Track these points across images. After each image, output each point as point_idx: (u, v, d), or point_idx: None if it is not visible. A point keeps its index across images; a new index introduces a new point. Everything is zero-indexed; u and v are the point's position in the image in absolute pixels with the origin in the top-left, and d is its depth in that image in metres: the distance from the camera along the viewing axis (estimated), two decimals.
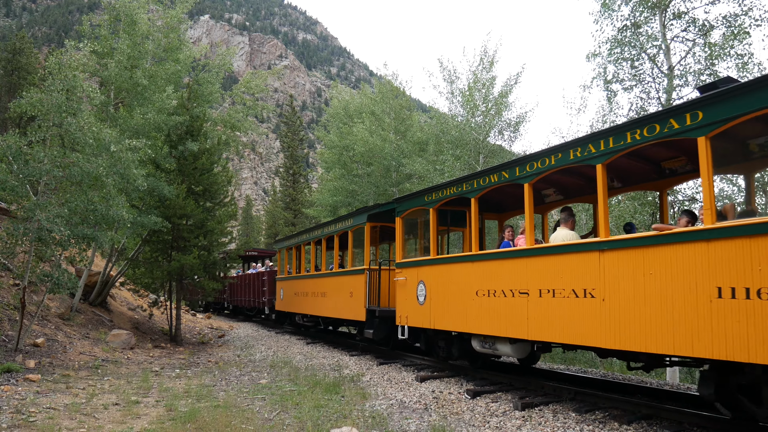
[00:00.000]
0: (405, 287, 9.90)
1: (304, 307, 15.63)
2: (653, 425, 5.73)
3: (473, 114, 20.91)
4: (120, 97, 16.26)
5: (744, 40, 12.20)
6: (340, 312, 12.73)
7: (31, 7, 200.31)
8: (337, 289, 13.08)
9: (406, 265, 9.98)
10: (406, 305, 9.77)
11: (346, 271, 12.75)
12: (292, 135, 48.51)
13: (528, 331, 6.81)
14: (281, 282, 18.34)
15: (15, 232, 9.30)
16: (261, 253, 27.41)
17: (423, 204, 9.59)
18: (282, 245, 18.86)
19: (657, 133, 5.39)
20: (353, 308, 11.82)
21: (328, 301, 13.65)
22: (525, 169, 7.13)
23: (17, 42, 39.17)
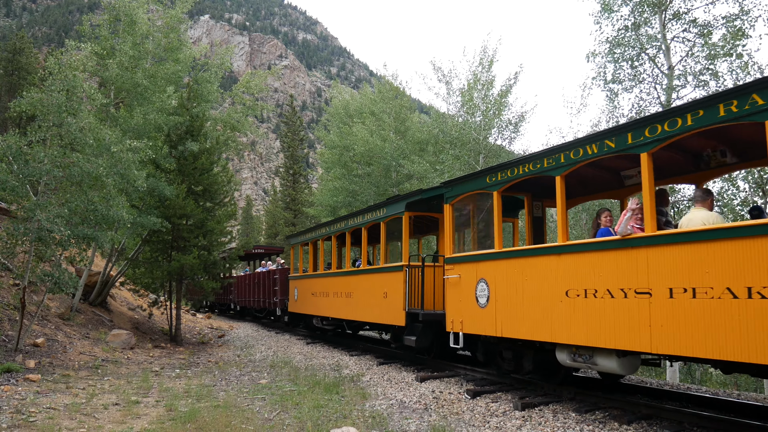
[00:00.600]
0: (458, 287, 8.34)
1: (323, 309, 14.15)
2: (653, 425, 5.73)
3: (473, 114, 20.92)
4: (120, 97, 16.26)
5: (743, 40, 12.20)
6: (371, 315, 11.21)
7: (31, 7, 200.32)
8: (366, 289, 11.51)
9: (459, 260, 8.44)
10: (461, 308, 8.25)
11: (378, 269, 11.23)
12: (292, 135, 48.52)
13: (651, 341, 5.33)
14: (295, 281, 16.69)
15: (15, 232, 9.30)
16: (268, 250, 26.49)
17: (484, 186, 8.00)
18: (296, 241, 17.19)
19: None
20: (389, 311, 10.27)
21: (355, 303, 12.14)
22: (643, 134, 5.61)
23: (17, 42, 39.19)
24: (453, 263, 8.60)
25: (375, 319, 11.07)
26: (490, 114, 20.69)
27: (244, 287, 23.44)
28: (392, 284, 10.23)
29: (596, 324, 5.95)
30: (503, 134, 21.31)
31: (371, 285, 11.29)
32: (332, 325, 14.77)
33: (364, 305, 11.59)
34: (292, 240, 17.97)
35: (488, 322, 7.66)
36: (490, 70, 21.23)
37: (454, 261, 8.60)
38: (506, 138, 21.37)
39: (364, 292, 11.66)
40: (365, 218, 11.96)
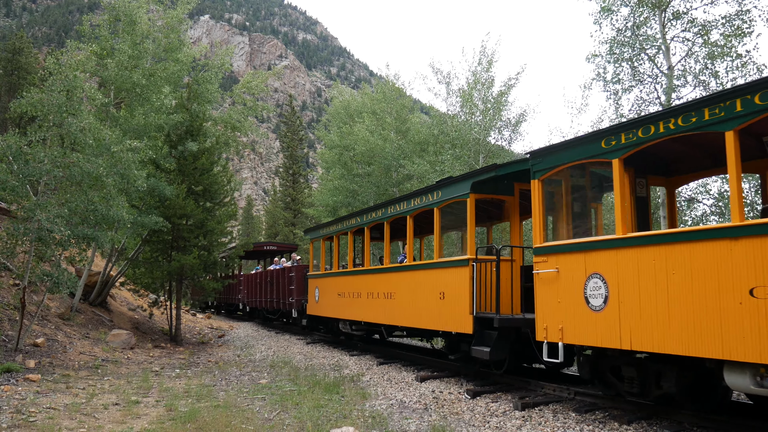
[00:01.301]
0: (556, 284, 6.54)
1: (353, 312, 12.30)
2: (653, 425, 5.73)
3: (473, 114, 20.92)
4: (120, 97, 16.27)
5: (743, 40, 12.22)
6: (420, 319, 9.40)
7: (31, 7, 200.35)
8: (414, 289, 9.71)
9: (557, 250, 6.60)
10: (560, 311, 6.43)
11: (433, 264, 9.29)
12: (292, 135, 48.54)
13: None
14: (316, 280, 14.78)
15: (15, 232, 9.30)
16: (281, 247, 25.03)
17: (595, 154, 6.23)
18: (317, 234, 15.36)
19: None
20: (447, 315, 8.54)
21: (397, 306, 10.30)
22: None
23: (17, 42, 39.19)
24: (546, 254, 6.73)
25: (426, 325, 9.20)
26: (490, 114, 20.69)
27: (255, 286, 21.49)
28: (453, 283, 8.42)
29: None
30: (503, 134, 21.33)
31: (422, 284, 9.43)
32: (362, 331, 12.93)
33: (411, 308, 9.75)
34: (311, 234, 16.09)
35: (606, 330, 5.86)
36: (489, 70, 21.24)
37: (548, 252, 6.71)
38: (506, 138, 21.38)
39: (410, 293, 9.86)
40: (412, 204, 10.16)
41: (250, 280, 22.23)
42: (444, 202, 9.12)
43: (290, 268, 17.30)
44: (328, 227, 14.53)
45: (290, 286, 16.93)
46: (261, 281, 20.47)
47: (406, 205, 10.36)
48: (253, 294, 21.64)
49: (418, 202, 10.01)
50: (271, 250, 24.49)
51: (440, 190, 9.20)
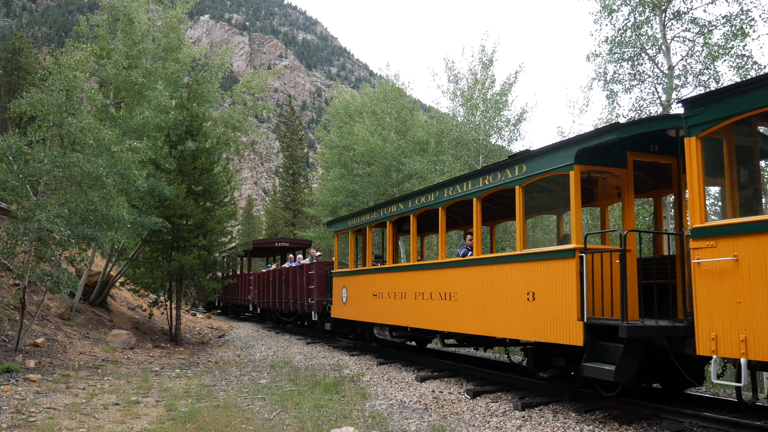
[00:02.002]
0: (735, 278, 4.87)
1: (395, 315, 10.42)
2: (653, 425, 5.73)
3: (473, 114, 20.93)
4: (120, 97, 16.28)
5: (744, 40, 12.22)
6: (497, 326, 7.57)
7: (31, 7, 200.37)
8: (487, 288, 7.79)
9: (736, 230, 4.91)
10: (742, 315, 4.77)
11: (516, 256, 7.34)
12: (292, 135, 48.57)
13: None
14: (343, 278, 12.96)
15: (15, 232, 9.30)
16: (294, 243, 23.42)
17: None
18: (344, 226, 13.36)
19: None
20: (541, 321, 6.67)
21: (461, 308, 8.36)
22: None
23: (17, 42, 39.21)
24: (715, 237, 5.09)
25: (504, 333, 7.52)
26: (490, 114, 20.70)
27: (267, 286, 19.65)
28: (550, 280, 6.60)
29: None
30: (502, 134, 21.34)
31: (498, 282, 7.58)
32: (404, 337, 11.20)
33: (481, 311, 7.87)
34: (336, 226, 14.05)
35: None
36: (489, 70, 21.25)
37: (718, 233, 5.08)
38: (506, 138, 21.39)
39: (479, 293, 7.94)
40: (480, 184, 8.14)
41: (261, 280, 20.54)
42: (531, 179, 7.12)
43: (309, 265, 15.54)
44: (358, 217, 12.59)
45: (310, 285, 15.17)
46: (274, 280, 18.84)
47: (471, 185, 8.34)
48: (264, 294, 20.01)
49: (489, 181, 7.97)
50: (282, 246, 22.94)
51: (524, 163, 7.21)
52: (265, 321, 22.54)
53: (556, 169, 6.69)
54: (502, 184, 7.71)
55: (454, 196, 8.85)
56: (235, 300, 24.92)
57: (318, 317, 14.80)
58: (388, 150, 24.71)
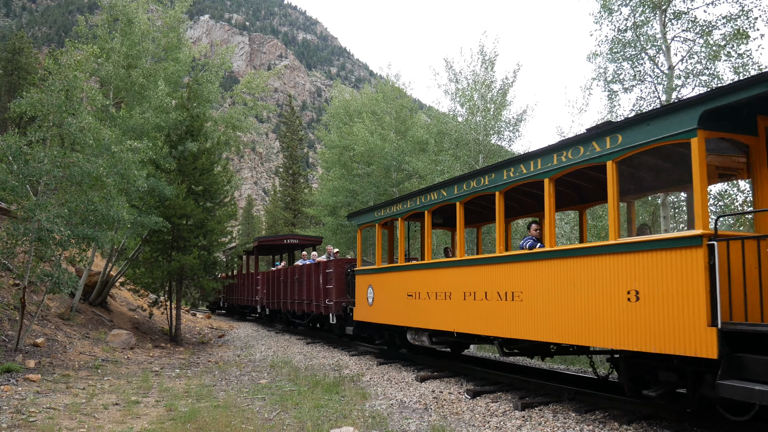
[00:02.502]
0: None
1: (436, 319, 8.97)
2: (653, 425, 5.73)
3: (473, 114, 20.93)
4: (119, 97, 16.28)
5: (744, 40, 12.22)
6: (583, 332, 6.15)
7: (31, 7, 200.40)
8: (571, 287, 6.34)
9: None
10: None
11: (613, 246, 5.89)
12: (292, 135, 48.56)
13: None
14: (370, 277, 11.59)
15: (15, 232, 9.31)
16: (304, 240, 22.22)
17: None
18: (370, 218, 11.93)
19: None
20: (651, 326, 5.37)
21: (530, 310, 6.93)
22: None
23: (17, 42, 39.18)
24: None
25: (593, 341, 6.07)
26: (490, 114, 20.70)
27: (277, 286, 18.42)
28: (663, 274, 5.30)
29: None
30: (502, 134, 21.32)
31: (587, 279, 6.15)
32: (447, 344, 10.01)
33: (560, 314, 6.43)
34: (360, 218, 12.52)
35: None
36: (489, 70, 21.24)
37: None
38: (506, 138, 21.37)
39: (558, 292, 6.48)
40: (555, 162, 6.67)
41: (270, 279, 19.30)
42: (630, 151, 5.76)
43: (327, 262, 14.19)
44: (387, 208, 11.17)
45: (327, 285, 13.89)
46: (285, 279, 17.49)
47: (540, 164, 6.87)
48: (274, 294, 18.80)
49: (567, 158, 6.48)
50: (291, 243, 21.52)
51: (619, 133, 5.88)
52: (273, 323, 21.37)
53: (670, 137, 5.35)
54: (587, 160, 6.24)
55: (517, 178, 7.28)
56: (241, 300, 23.96)
57: (337, 320, 13.51)
58: (388, 150, 24.71)
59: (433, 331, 9.48)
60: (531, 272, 7.06)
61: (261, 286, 20.28)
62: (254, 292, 21.17)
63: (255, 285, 21.14)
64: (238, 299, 24.16)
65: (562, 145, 6.64)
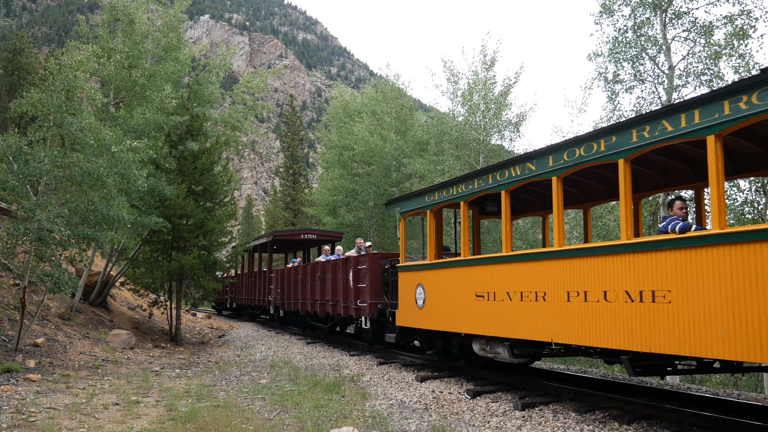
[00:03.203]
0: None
1: (525, 326, 7.05)
2: (653, 425, 5.73)
3: (474, 114, 20.94)
4: (120, 97, 16.29)
5: (745, 40, 12.23)
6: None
7: (31, 7, 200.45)
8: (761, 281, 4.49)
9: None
10: None
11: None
12: (292, 135, 48.55)
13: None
14: (417, 274, 9.65)
15: (15, 232, 9.31)
16: (323, 236, 20.12)
17: None
18: (418, 204, 9.82)
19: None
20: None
21: (689, 315, 5.05)
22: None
23: (17, 42, 39.18)
24: None
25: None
26: (491, 114, 20.71)
27: (294, 284, 16.54)
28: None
29: None
30: (503, 134, 21.34)
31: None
32: (533, 356, 8.22)
33: (748, 320, 4.59)
34: (404, 204, 10.41)
35: None
36: (490, 70, 21.25)
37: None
38: (506, 138, 21.39)
39: (737, 289, 4.69)
40: (716, 116, 4.88)
41: (286, 277, 17.48)
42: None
43: (359, 258, 12.16)
44: (445, 190, 8.97)
45: (359, 283, 11.89)
46: (305, 277, 15.57)
47: (699, 116, 5.03)
48: (291, 294, 16.87)
49: (744, 106, 4.65)
50: (309, 239, 19.74)
51: None
52: (287, 326, 19.37)
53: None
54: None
55: (653, 141, 5.49)
56: (251, 300, 21.93)
57: (371, 324, 11.63)
58: (388, 150, 24.73)
59: (516, 340, 7.51)
60: (688, 264, 5.18)
61: (275, 284, 18.51)
62: (267, 291, 19.48)
63: (268, 284, 19.28)
64: (248, 299, 22.41)
65: (717, 95, 4.97)
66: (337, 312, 13.09)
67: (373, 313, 11.32)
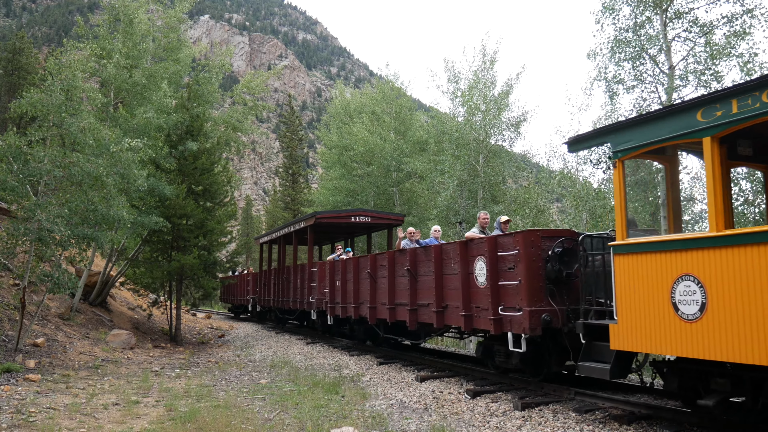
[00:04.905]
0: None
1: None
2: (653, 425, 5.73)
3: (474, 114, 20.93)
4: (120, 97, 16.30)
5: (745, 40, 12.23)
6: None
7: (31, 7, 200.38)
8: None
9: None
10: None
11: None
12: (292, 135, 48.54)
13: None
14: (671, 257, 5.18)
15: (15, 232, 9.31)
16: (379, 218, 15.98)
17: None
18: (648, 136, 5.52)
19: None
20: None
21: None
22: None
23: (17, 42, 39.16)
24: None
25: None
26: (491, 115, 20.70)
27: (356, 282, 12.08)
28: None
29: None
30: (503, 135, 21.33)
31: None
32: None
33: None
34: (626, 137, 5.76)
35: None
36: (491, 70, 21.24)
37: None
38: (506, 138, 21.38)
39: None
40: None
41: (340, 271, 13.02)
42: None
43: (498, 238, 7.72)
44: (727, 101, 4.85)
45: (503, 279, 7.50)
46: (376, 271, 11.17)
47: None
48: (346, 295, 12.60)
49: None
50: (362, 222, 15.57)
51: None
52: (335, 338, 15.01)
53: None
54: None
55: None
56: (282, 303, 17.59)
57: (525, 345, 7.09)
58: (388, 150, 24.73)
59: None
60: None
61: (319, 281, 14.29)
62: (307, 290, 15.07)
63: (309, 281, 15.03)
64: (278, 300, 17.99)
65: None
66: (445, 323, 8.88)
67: (535, 326, 6.87)
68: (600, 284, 6.43)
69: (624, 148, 5.86)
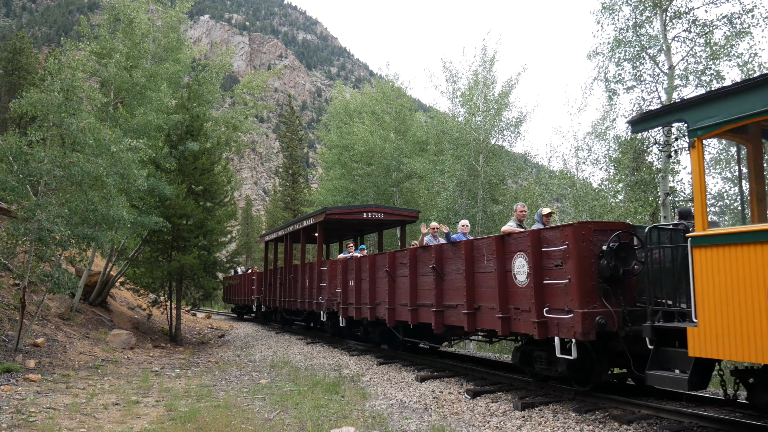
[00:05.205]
0: None
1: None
2: (653, 425, 5.73)
3: (474, 114, 20.93)
4: (120, 97, 16.31)
5: (745, 39, 12.22)
6: None
7: (31, 7, 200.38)
8: None
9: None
10: None
11: None
12: (292, 135, 48.54)
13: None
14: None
15: (15, 232, 9.31)
16: (392, 214, 15.15)
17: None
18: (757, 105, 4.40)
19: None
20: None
21: None
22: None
23: (17, 42, 39.16)
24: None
25: None
26: (491, 115, 20.71)
27: (371, 281, 11.31)
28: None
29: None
30: (503, 135, 21.33)
31: None
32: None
33: None
34: (708, 111, 4.89)
35: None
36: (491, 70, 21.25)
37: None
38: (506, 139, 21.37)
39: None
40: None
41: (354, 269, 12.09)
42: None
43: (541, 232, 6.98)
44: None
45: (548, 278, 6.73)
46: (395, 270, 10.37)
47: None
48: (361, 294, 11.77)
49: None
50: (374, 219, 14.60)
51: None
52: (343, 339, 14.46)
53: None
54: None
55: None
56: (289, 303, 16.99)
57: (576, 351, 6.35)
58: (388, 150, 24.72)
59: None
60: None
61: (329, 281, 13.47)
62: (317, 290, 14.35)
63: (318, 280, 14.29)
64: (284, 301, 17.42)
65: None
66: (478, 326, 8.07)
67: (589, 330, 6.06)
68: (667, 282, 5.67)
69: (704, 125, 4.99)
